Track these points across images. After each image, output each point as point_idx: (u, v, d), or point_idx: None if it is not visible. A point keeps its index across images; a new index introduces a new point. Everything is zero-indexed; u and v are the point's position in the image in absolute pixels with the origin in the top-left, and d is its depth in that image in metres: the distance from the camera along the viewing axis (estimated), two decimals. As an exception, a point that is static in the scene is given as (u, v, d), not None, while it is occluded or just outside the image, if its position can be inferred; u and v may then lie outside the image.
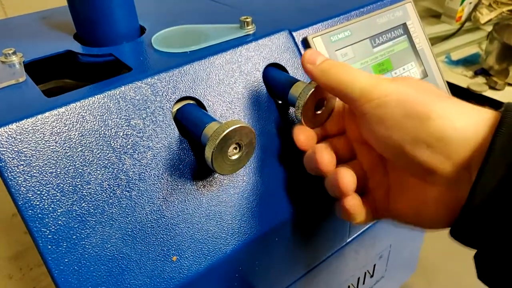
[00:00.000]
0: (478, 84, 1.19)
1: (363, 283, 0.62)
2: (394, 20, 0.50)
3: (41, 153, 0.30)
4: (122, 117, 0.33)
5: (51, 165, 0.30)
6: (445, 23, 1.30)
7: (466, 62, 1.30)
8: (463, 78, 1.23)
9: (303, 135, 0.37)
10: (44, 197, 0.30)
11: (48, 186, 0.30)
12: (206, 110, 0.37)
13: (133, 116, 0.33)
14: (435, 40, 1.30)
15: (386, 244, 0.61)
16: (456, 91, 1.18)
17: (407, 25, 0.51)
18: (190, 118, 0.35)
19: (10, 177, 0.28)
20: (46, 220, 0.29)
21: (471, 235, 0.29)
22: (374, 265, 0.61)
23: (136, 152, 0.33)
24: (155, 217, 0.33)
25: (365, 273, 0.60)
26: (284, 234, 0.40)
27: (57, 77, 0.44)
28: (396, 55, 0.50)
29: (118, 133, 0.33)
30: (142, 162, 0.33)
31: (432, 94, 0.31)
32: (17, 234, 0.96)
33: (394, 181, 0.36)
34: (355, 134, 0.37)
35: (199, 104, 0.37)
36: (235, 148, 0.33)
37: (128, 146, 0.33)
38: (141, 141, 0.33)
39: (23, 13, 0.50)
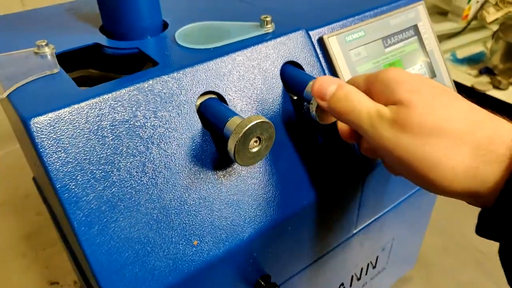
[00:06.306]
0: (482, 83, 1.20)
1: (366, 274, 0.64)
2: (406, 21, 0.51)
3: (76, 140, 0.32)
4: (150, 109, 0.35)
5: (85, 152, 0.32)
6: (452, 21, 1.31)
7: (471, 60, 1.32)
8: (468, 76, 1.25)
9: (345, 127, 0.37)
10: (79, 182, 0.32)
11: (83, 172, 0.32)
12: (227, 104, 0.39)
13: (160, 108, 0.35)
14: (441, 38, 1.31)
15: (389, 237, 0.63)
16: (461, 89, 1.20)
17: (418, 26, 0.52)
18: (213, 112, 0.37)
19: (49, 162, 0.31)
20: (80, 203, 0.32)
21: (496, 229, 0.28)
22: (377, 257, 0.64)
23: (163, 142, 0.35)
24: (178, 204, 0.36)
25: (368, 264, 0.63)
26: (297, 224, 0.43)
27: (82, 66, 0.46)
28: (406, 56, 0.51)
29: (146, 124, 0.35)
30: (167, 152, 0.35)
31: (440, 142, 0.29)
32: (29, 214, 0.99)
33: None
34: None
35: (221, 98, 0.39)
36: (256, 142, 0.35)
37: (155, 137, 0.35)
38: (167, 132, 0.35)
39: (41, 6, 0.52)
